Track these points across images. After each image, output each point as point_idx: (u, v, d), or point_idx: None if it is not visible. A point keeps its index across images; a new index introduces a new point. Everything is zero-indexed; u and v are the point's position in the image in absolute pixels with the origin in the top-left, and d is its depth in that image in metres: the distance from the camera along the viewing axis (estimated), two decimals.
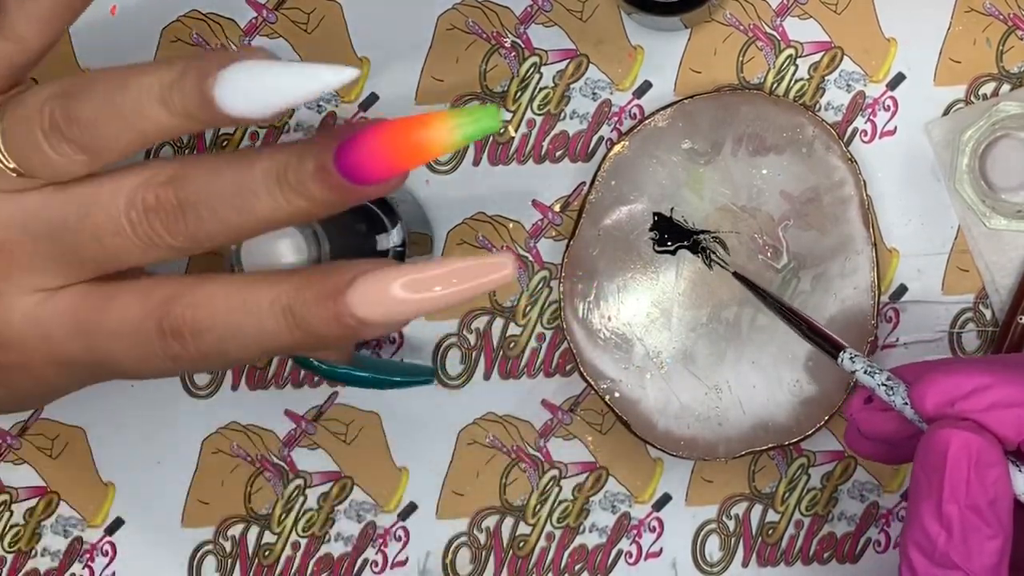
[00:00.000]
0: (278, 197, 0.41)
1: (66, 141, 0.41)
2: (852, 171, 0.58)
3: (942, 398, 0.46)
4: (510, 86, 0.60)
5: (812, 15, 0.60)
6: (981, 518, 0.45)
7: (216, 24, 0.61)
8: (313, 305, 0.41)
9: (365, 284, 0.41)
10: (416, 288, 0.40)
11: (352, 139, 0.40)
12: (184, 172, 0.42)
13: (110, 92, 0.41)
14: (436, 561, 0.61)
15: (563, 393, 0.61)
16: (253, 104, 0.40)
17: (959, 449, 0.45)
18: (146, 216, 0.42)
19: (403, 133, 0.39)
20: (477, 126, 0.39)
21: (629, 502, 0.61)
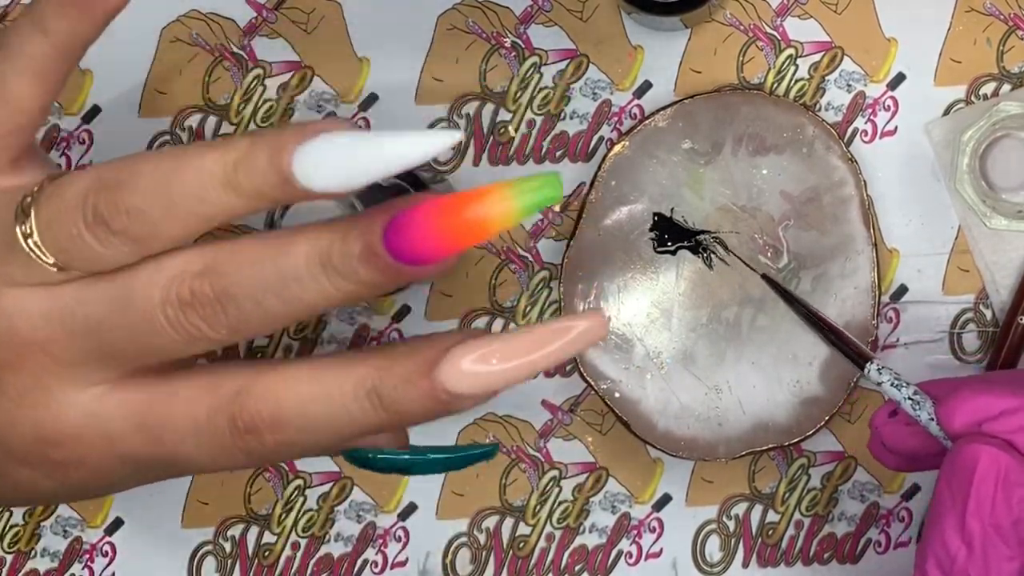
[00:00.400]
0: (324, 283, 0.39)
1: (113, 234, 0.39)
2: (852, 171, 0.58)
3: (970, 418, 0.46)
4: (510, 86, 0.60)
5: (812, 15, 0.60)
6: (1002, 538, 0.45)
7: (216, 24, 0.61)
8: (402, 385, 0.39)
9: (456, 358, 0.39)
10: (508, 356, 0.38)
11: (402, 217, 0.37)
12: (219, 261, 0.40)
13: (163, 179, 0.39)
14: (436, 561, 0.61)
15: (563, 393, 0.61)
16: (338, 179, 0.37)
17: (988, 465, 0.45)
18: (183, 312, 0.40)
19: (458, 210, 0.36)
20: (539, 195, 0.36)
21: (629, 502, 0.61)
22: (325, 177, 0.37)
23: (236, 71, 0.61)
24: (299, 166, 0.37)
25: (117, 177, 0.39)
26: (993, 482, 0.45)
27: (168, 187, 0.38)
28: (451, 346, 0.39)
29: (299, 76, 0.61)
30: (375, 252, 0.38)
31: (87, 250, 0.40)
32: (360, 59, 0.61)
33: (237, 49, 0.61)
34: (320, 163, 0.37)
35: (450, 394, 0.39)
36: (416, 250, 0.37)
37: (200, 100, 0.61)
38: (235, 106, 0.60)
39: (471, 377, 0.39)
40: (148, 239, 0.39)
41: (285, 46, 0.61)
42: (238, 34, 0.61)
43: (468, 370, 0.39)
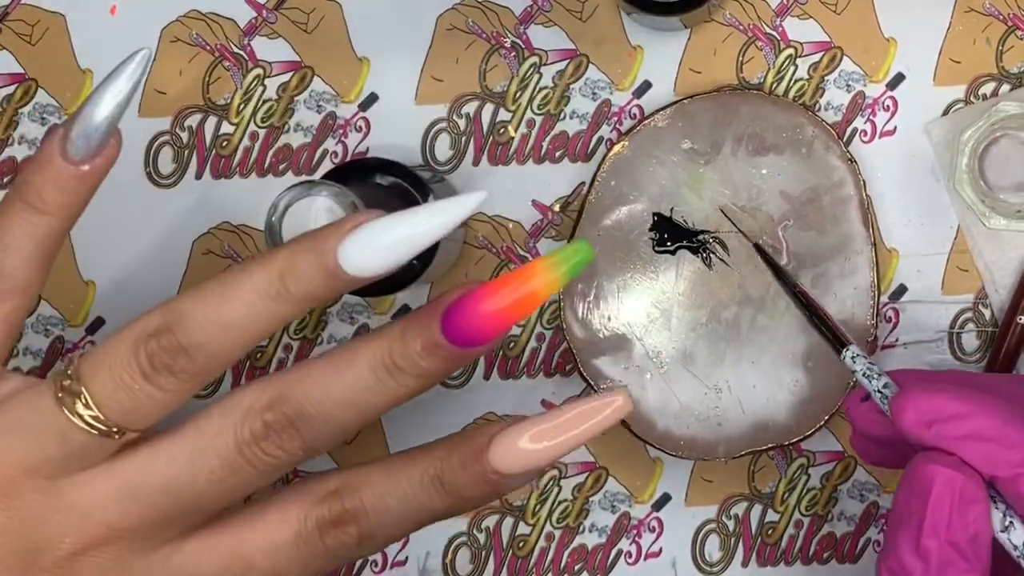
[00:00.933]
0: (391, 385, 0.42)
1: (175, 375, 0.40)
2: (852, 171, 0.58)
3: (920, 418, 0.46)
4: (510, 86, 0.60)
5: (812, 15, 0.60)
6: (959, 554, 0.45)
7: (216, 24, 0.61)
8: (460, 470, 0.43)
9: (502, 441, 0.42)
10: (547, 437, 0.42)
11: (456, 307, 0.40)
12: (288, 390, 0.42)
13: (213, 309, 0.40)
14: (436, 561, 0.61)
15: (563, 393, 0.61)
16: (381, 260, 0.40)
17: (943, 486, 0.45)
18: (260, 446, 0.42)
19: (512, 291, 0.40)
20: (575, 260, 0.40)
21: (629, 502, 0.61)
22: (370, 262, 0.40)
23: (236, 71, 0.61)
24: (345, 260, 0.40)
25: (163, 322, 0.40)
26: (949, 503, 0.45)
27: (220, 315, 0.40)
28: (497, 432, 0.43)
29: (299, 76, 0.61)
30: (438, 343, 0.41)
31: (150, 402, 0.41)
32: (360, 59, 0.61)
33: (237, 49, 0.61)
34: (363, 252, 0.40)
35: (499, 474, 0.42)
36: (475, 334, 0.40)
37: (200, 100, 0.61)
38: (235, 106, 0.61)
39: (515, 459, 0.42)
40: (209, 370, 0.41)
41: (285, 46, 0.61)
42: (238, 34, 0.61)
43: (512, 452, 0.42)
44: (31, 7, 0.61)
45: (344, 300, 0.61)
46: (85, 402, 0.41)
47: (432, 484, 0.43)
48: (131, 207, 0.60)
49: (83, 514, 0.42)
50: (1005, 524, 0.45)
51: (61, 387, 0.41)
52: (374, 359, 0.41)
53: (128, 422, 0.41)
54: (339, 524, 0.43)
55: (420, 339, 0.41)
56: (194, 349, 0.40)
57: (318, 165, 0.60)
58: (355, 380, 0.41)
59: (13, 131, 0.61)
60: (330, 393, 0.42)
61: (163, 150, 0.61)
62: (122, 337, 0.41)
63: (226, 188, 0.61)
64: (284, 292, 0.40)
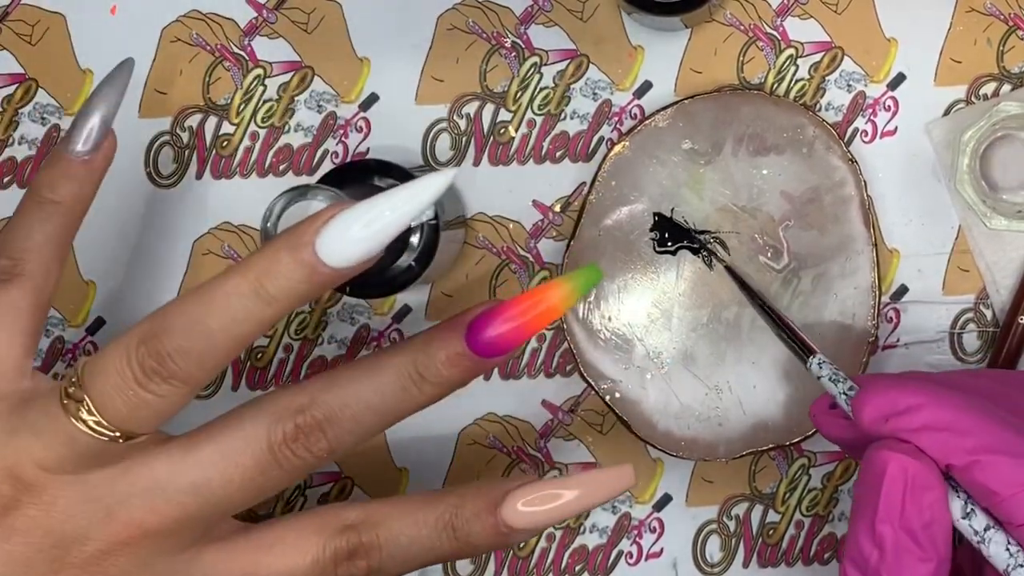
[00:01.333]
0: (414, 392, 0.45)
1: (165, 380, 0.42)
2: (852, 171, 0.58)
3: (877, 413, 0.47)
4: (510, 86, 0.60)
5: (812, 15, 0.60)
6: (915, 541, 0.46)
7: (216, 24, 0.61)
8: (472, 520, 0.46)
9: (515, 499, 0.46)
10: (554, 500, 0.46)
11: (482, 321, 0.44)
12: (318, 396, 0.44)
13: (195, 315, 0.41)
14: None
15: (563, 393, 0.61)
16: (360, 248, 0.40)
17: (896, 471, 0.46)
18: (289, 447, 0.44)
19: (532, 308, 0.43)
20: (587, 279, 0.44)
21: (629, 502, 0.61)
22: (350, 252, 0.40)
23: (236, 71, 0.61)
24: (323, 252, 0.40)
25: (149, 329, 0.42)
26: (901, 489, 0.46)
27: (203, 320, 0.41)
28: (512, 489, 0.46)
29: (299, 76, 0.61)
30: (462, 354, 0.44)
31: (146, 409, 0.42)
32: (360, 59, 0.61)
33: (237, 49, 0.61)
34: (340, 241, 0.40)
35: (510, 528, 0.46)
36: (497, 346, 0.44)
37: (200, 100, 0.61)
38: (235, 106, 0.60)
39: (526, 515, 0.46)
40: (199, 375, 0.42)
41: (285, 46, 0.61)
42: (238, 34, 0.61)
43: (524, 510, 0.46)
44: (31, 7, 0.61)
45: (344, 301, 0.61)
46: (88, 408, 0.42)
47: (445, 529, 0.46)
48: (131, 207, 0.60)
49: (110, 510, 0.43)
50: (966, 511, 0.46)
51: (66, 393, 0.43)
52: (400, 369, 0.44)
53: (128, 427, 0.42)
54: (353, 557, 0.46)
55: (444, 351, 0.44)
56: (180, 355, 0.41)
57: (318, 165, 0.60)
58: (382, 387, 0.44)
59: (13, 131, 0.61)
60: (358, 398, 0.44)
61: (163, 150, 0.61)
62: (116, 346, 0.42)
63: (226, 188, 0.61)
64: (264, 293, 0.41)
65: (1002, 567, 0.45)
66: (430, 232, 0.54)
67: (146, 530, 0.43)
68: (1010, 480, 0.46)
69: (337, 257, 0.40)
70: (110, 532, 0.43)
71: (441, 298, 0.61)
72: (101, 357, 0.42)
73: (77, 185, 0.49)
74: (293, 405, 0.44)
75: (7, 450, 0.43)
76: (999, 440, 0.46)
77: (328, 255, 0.40)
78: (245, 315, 0.41)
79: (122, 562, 0.44)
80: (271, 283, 0.41)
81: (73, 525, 0.43)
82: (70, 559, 0.43)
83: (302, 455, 0.44)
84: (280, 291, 0.41)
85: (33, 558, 0.43)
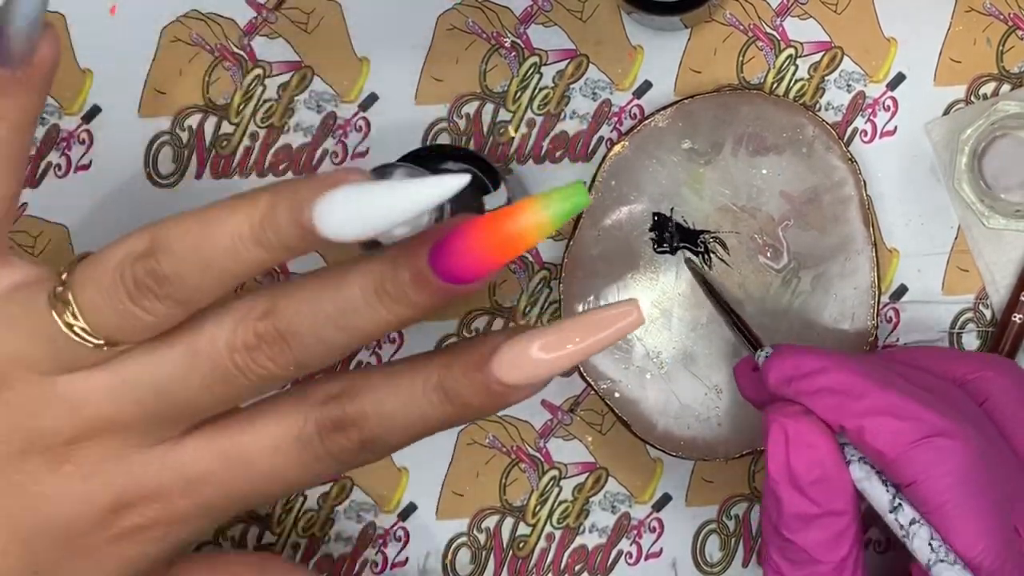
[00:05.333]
0: (379, 310, 0.41)
1: (158, 299, 0.41)
2: (852, 171, 0.58)
3: (781, 376, 0.50)
4: (510, 86, 0.60)
5: (812, 15, 0.60)
6: (807, 498, 0.48)
7: (216, 24, 0.61)
8: (462, 377, 0.42)
9: (505, 351, 0.42)
10: (552, 348, 0.42)
11: (444, 241, 0.40)
12: (278, 303, 0.42)
13: (195, 242, 0.40)
14: (436, 561, 0.61)
15: (563, 393, 0.61)
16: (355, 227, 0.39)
17: (776, 433, 0.49)
18: (251, 356, 0.42)
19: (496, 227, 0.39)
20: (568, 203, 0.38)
21: (629, 502, 0.61)
22: (344, 226, 0.39)
23: (236, 71, 0.61)
24: (319, 219, 0.39)
25: (149, 246, 0.41)
26: (784, 449, 0.49)
27: (201, 249, 0.40)
28: (501, 342, 0.42)
29: (299, 76, 0.61)
30: (425, 275, 0.40)
31: (135, 321, 0.41)
32: (360, 59, 0.61)
33: (237, 49, 0.61)
34: (338, 213, 0.39)
35: (503, 384, 0.42)
36: (462, 270, 0.40)
37: (200, 100, 0.61)
38: (235, 106, 0.60)
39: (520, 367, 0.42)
40: (190, 300, 0.41)
41: (285, 46, 0.61)
42: (238, 34, 0.61)
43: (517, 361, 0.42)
44: None
45: None
46: (74, 313, 0.41)
47: (434, 391, 0.43)
48: (131, 207, 0.60)
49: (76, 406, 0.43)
50: (893, 505, 0.48)
51: (55, 293, 0.42)
52: (365, 283, 0.41)
53: (116, 337, 0.42)
54: (340, 428, 0.43)
55: (409, 269, 0.41)
56: (176, 279, 0.40)
57: (318, 165, 0.60)
58: (345, 301, 0.41)
59: None
60: (320, 311, 0.42)
61: (163, 150, 0.61)
62: (111, 253, 0.41)
63: (226, 188, 0.61)
64: (262, 239, 0.40)
65: (924, 562, 0.46)
66: None
67: (113, 423, 0.43)
68: (895, 441, 0.48)
69: (332, 228, 0.39)
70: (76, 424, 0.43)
71: None
72: (95, 263, 0.41)
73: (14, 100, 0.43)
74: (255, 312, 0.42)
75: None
76: (888, 403, 0.48)
77: (323, 223, 0.39)
78: (244, 254, 0.40)
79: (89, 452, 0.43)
80: (271, 231, 0.40)
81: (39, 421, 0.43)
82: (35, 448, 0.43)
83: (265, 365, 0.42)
84: (277, 241, 0.40)
85: None
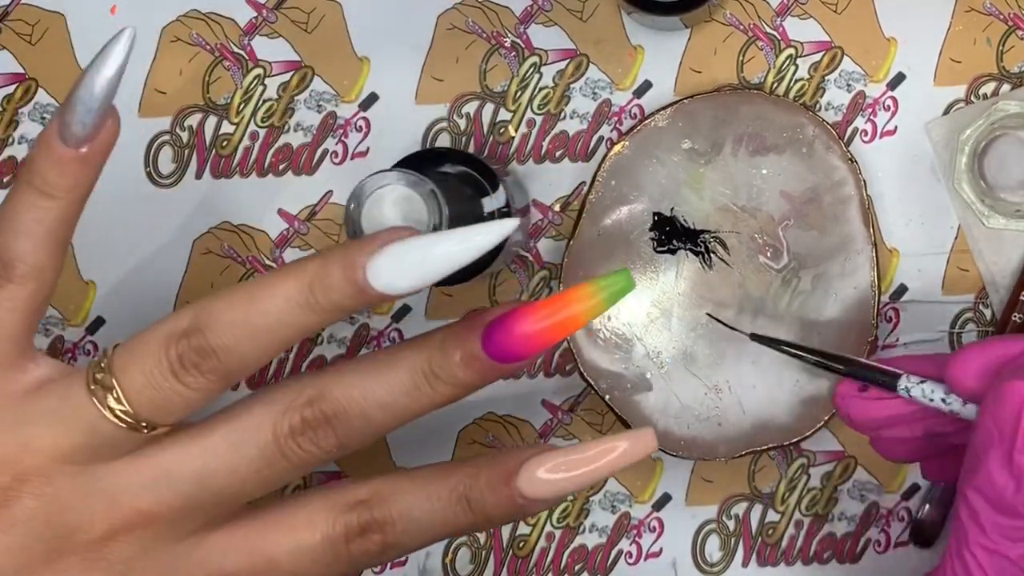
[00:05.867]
0: (428, 391, 0.43)
1: (203, 374, 0.41)
2: (852, 171, 0.58)
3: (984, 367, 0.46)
4: (510, 86, 0.60)
5: (812, 15, 0.60)
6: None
7: (216, 23, 0.61)
8: (487, 491, 0.44)
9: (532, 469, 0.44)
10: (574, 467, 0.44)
11: (500, 324, 0.42)
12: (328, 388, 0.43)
13: (243, 313, 0.41)
14: (436, 561, 0.61)
15: (563, 393, 0.61)
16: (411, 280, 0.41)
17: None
18: (296, 440, 0.43)
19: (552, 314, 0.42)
20: (617, 288, 0.42)
21: (629, 502, 0.61)
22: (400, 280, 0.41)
23: (236, 71, 0.61)
24: (372, 276, 0.41)
25: (194, 322, 0.41)
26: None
27: (249, 320, 0.41)
28: (527, 458, 0.44)
29: (299, 76, 0.61)
30: (477, 357, 0.43)
31: (178, 399, 0.42)
32: (360, 59, 0.61)
33: (237, 49, 0.61)
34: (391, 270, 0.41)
35: (526, 498, 0.44)
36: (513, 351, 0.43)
37: (200, 100, 0.61)
38: (235, 106, 0.60)
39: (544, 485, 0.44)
40: (236, 372, 0.42)
41: (285, 46, 0.61)
42: (238, 34, 0.61)
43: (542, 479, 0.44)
44: (31, 7, 0.61)
45: None
46: (117, 396, 0.42)
47: (459, 502, 0.45)
48: (131, 207, 0.60)
49: (113, 499, 0.43)
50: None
51: (94, 379, 0.42)
52: (414, 366, 0.43)
53: (156, 417, 0.42)
54: (366, 532, 0.44)
55: (460, 351, 0.43)
56: (223, 351, 0.41)
57: (318, 165, 0.60)
58: (394, 384, 0.43)
59: (13, 131, 0.61)
60: (369, 394, 0.43)
61: (163, 150, 0.61)
62: (154, 334, 0.42)
63: (226, 188, 0.61)
64: (313, 302, 0.41)
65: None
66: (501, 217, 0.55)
67: (149, 518, 0.43)
68: None
69: (386, 284, 0.40)
70: (112, 520, 0.43)
71: (441, 297, 0.61)
72: (137, 345, 0.42)
73: (72, 179, 0.43)
74: (302, 398, 0.43)
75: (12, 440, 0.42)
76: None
77: (377, 280, 0.40)
78: (292, 320, 0.41)
79: (123, 548, 0.43)
80: (321, 294, 0.41)
81: (75, 516, 0.43)
82: (70, 546, 0.43)
83: (309, 449, 0.43)
84: (328, 303, 0.41)
85: (32, 547, 0.43)
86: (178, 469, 0.43)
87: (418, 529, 0.45)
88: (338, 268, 0.41)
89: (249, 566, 0.45)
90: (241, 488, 0.44)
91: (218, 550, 0.44)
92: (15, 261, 0.43)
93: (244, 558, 0.45)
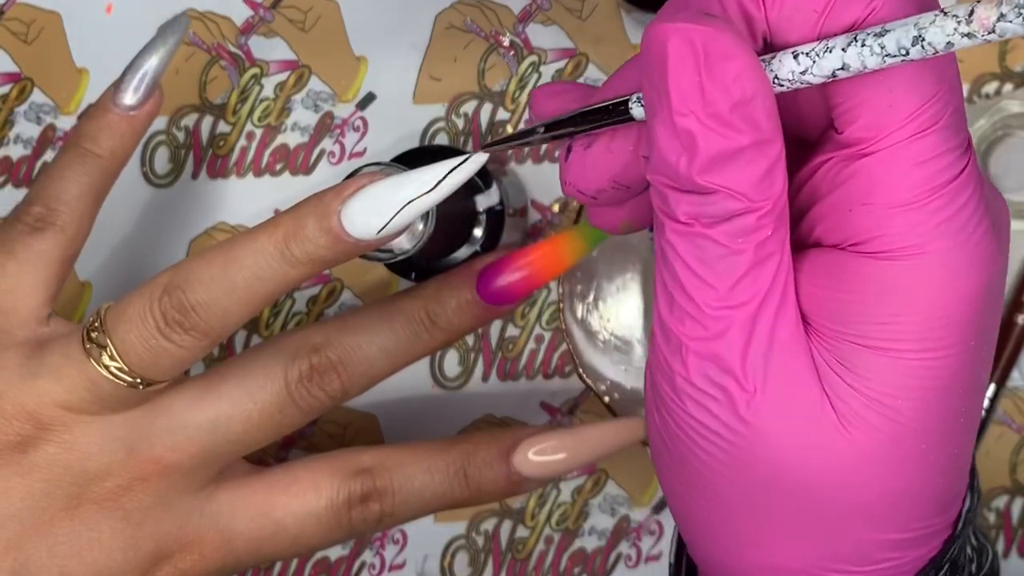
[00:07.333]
0: (424, 337, 0.47)
1: (186, 332, 0.43)
2: None
3: None
4: (509, 85, 0.60)
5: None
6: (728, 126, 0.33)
7: (212, 23, 0.60)
8: (484, 467, 0.48)
9: (527, 448, 0.48)
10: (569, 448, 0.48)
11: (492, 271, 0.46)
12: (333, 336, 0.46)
13: (220, 269, 0.42)
14: (434, 564, 0.61)
15: (562, 395, 0.61)
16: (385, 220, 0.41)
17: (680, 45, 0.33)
18: (305, 386, 0.46)
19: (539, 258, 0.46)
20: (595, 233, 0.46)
21: (628, 505, 0.61)
22: (372, 225, 0.41)
23: (233, 70, 0.60)
24: (347, 222, 0.41)
25: (173, 281, 0.43)
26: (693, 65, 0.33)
27: (226, 275, 0.42)
28: (524, 438, 0.48)
29: (296, 75, 0.60)
30: (472, 302, 0.47)
31: (167, 356, 0.43)
32: (358, 58, 0.60)
33: (234, 48, 0.60)
34: (365, 213, 0.41)
35: (521, 476, 0.48)
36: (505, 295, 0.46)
37: (197, 99, 0.60)
38: (232, 105, 0.60)
39: (537, 464, 0.48)
40: (219, 328, 0.43)
41: (282, 45, 0.60)
42: (235, 33, 0.60)
43: (535, 459, 0.48)
44: (26, 6, 0.61)
45: (341, 300, 0.61)
46: (111, 354, 0.43)
47: (457, 476, 0.48)
48: (127, 207, 0.60)
49: (132, 448, 0.45)
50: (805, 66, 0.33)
51: (88, 337, 0.44)
52: (412, 315, 0.47)
53: (150, 374, 0.43)
54: (367, 500, 0.47)
55: (455, 298, 0.47)
56: (201, 307, 0.42)
57: (315, 165, 0.60)
58: (394, 331, 0.47)
59: (8, 131, 0.61)
60: (371, 341, 0.47)
61: (159, 150, 0.60)
62: (140, 293, 0.43)
63: (223, 188, 0.60)
64: (288, 255, 0.41)
65: None
66: (496, 220, 0.55)
67: (165, 466, 0.45)
68: None
69: (361, 229, 0.41)
70: (130, 469, 0.45)
71: None
72: (124, 304, 0.43)
73: (119, 139, 0.50)
74: (310, 344, 0.46)
75: (28, 392, 0.44)
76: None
77: (352, 225, 0.41)
78: (269, 274, 0.42)
79: (140, 497, 0.45)
80: (296, 246, 0.41)
81: (94, 463, 0.44)
82: (89, 495, 0.44)
83: (317, 395, 0.46)
84: (304, 254, 0.41)
85: (52, 493, 0.44)
86: (194, 417, 0.45)
87: (416, 500, 0.48)
88: (312, 218, 0.41)
89: (257, 527, 0.46)
90: (254, 435, 0.46)
91: (227, 507, 0.46)
92: (60, 208, 0.48)
93: (252, 517, 0.46)
